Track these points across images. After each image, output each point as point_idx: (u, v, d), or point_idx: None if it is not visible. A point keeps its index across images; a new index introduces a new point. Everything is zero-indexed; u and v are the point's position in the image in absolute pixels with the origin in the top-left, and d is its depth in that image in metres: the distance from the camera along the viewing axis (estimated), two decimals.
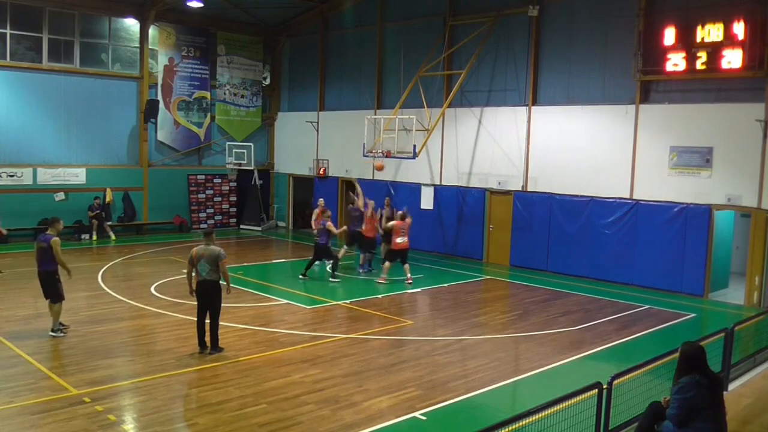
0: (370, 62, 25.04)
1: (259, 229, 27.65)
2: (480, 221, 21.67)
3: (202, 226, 27.22)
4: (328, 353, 11.60)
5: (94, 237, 23.76)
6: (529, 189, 20.47)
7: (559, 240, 19.75)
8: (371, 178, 24.63)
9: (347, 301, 15.52)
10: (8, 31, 22.59)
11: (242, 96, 28.55)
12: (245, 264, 20.19)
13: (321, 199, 20.39)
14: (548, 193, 19.98)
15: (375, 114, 23.75)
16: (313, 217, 19.36)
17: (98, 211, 23.91)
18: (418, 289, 17.19)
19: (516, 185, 20.71)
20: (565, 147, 19.57)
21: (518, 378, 10.72)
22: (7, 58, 22.62)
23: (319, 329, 13.12)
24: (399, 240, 17.64)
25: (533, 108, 20.33)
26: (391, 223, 18.17)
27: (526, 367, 11.26)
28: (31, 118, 23.19)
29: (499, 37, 20.96)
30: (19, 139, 22.91)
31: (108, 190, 24.61)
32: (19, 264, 19.15)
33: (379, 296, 16.27)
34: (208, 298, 11.26)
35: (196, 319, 11.45)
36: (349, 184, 25.72)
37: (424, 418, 8.93)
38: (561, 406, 6.68)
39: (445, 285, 17.76)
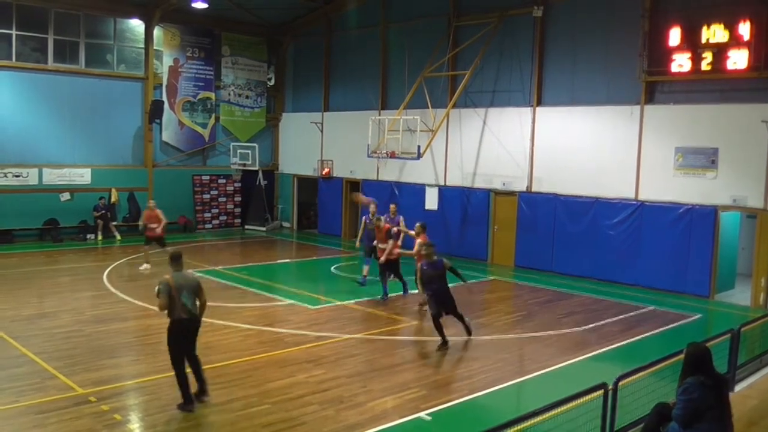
0: (374, 63, 25.05)
1: (264, 229, 27.66)
2: (484, 222, 21.65)
3: (207, 226, 27.27)
4: (332, 353, 11.60)
5: (99, 237, 23.79)
6: (533, 190, 20.44)
7: (564, 241, 19.72)
8: (376, 178, 24.64)
9: (352, 302, 15.50)
10: (14, 32, 22.67)
11: (247, 97, 28.57)
12: (250, 264, 20.21)
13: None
14: (553, 193, 19.95)
15: (379, 115, 23.76)
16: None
17: (103, 211, 23.94)
18: None
19: (520, 186, 20.68)
20: (570, 148, 19.54)
21: (523, 379, 10.70)
22: (13, 59, 22.70)
23: (324, 329, 13.11)
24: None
25: (538, 109, 20.30)
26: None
27: (530, 367, 11.25)
28: (37, 118, 23.26)
29: (504, 37, 20.94)
30: (24, 139, 22.96)
31: (113, 190, 24.65)
32: (23, 264, 19.23)
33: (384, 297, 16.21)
34: (191, 339, 9.10)
35: (174, 369, 9.04)
36: (354, 185, 25.72)
37: (428, 418, 8.92)
38: (566, 407, 6.66)
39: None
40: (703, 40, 16.70)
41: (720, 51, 16.44)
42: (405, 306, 15.39)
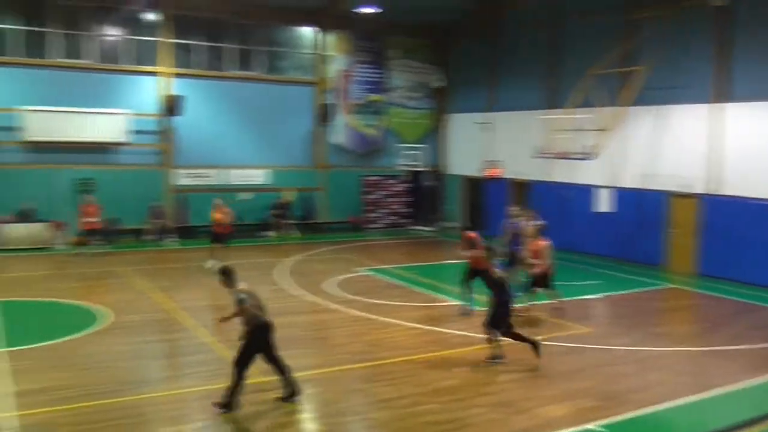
0: (542, 61, 24.40)
1: (431, 229, 27.86)
2: (661, 226, 20.41)
3: (375, 226, 27.87)
4: (504, 355, 11.39)
5: (277, 234, 25.07)
6: (716, 192, 18.99)
7: (754, 247, 18.07)
8: (543, 179, 23.99)
9: (522, 305, 15.07)
10: (196, 43, 24.72)
11: (414, 98, 28.99)
12: (416, 264, 20.39)
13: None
14: (738, 196, 18.42)
15: (548, 114, 23.09)
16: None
17: (280, 210, 25.25)
18: (597, 296, 16.47)
19: (701, 188, 19.29)
20: (762, 146, 17.93)
21: (704, 395, 9.88)
22: (196, 68, 24.73)
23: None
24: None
25: (721, 105, 18.82)
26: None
27: (712, 383, 10.38)
28: (219, 123, 25.16)
29: (682, 30, 19.62)
30: (209, 142, 24.88)
31: (289, 190, 25.87)
32: (207, 258, 20.52)
33: (555, 301, 15.69)
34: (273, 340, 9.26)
35: (238, 370, 8.87)
36: (518, 187, 25.23)
37: (600, 429, 8.51)
38: (753, 429, 6.09)
39: (624, 292, 16.91)
40: None
41: None
42: (577, 311, 14.79)
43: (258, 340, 9.00)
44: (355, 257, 21.20)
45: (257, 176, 25.93)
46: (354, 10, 25.18)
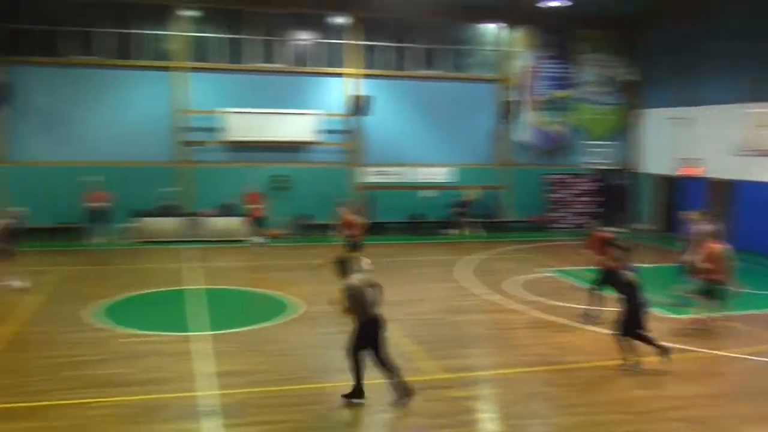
0: (746, 48, 22.28)
1: (621, 231, 26.53)
2: None
3: (560, 226, 27.12)
4: (696, 368, 10.67)
5: (460, 232, 25.14)
6: None
7: None
8: (748, 179, 22.01)
9: (720, 315, 13.91)
10: (382, 44, 25.44)
11: (604, 94, 27.81)
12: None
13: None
14: None
15: (754, 107, 21.07)
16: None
17: (462, 208, 25.30)
18: None
19: None
20: None
21: None
22: (382, 68, 25.51)
23: (688, 342, 12.00)
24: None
25: None
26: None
27: None
28: (404, 122, 25.77)
29: None
30: (394, 141, 25.53)
31: (472, 188, 25.83)
32: (392, 254, 21.00)
33: (761, 312, 14.36)
34: (383, 335, 9.13)
35: (353, 359, 9.11)
36: (718, 186, 23.36)
37: None
38: None
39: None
40: None
41: None
42: None
43: (367, 335, 8.94)
44: (538, 257, 20.76)
45: (441, 174, 26.24)
46: (540, 5, 24.60)
